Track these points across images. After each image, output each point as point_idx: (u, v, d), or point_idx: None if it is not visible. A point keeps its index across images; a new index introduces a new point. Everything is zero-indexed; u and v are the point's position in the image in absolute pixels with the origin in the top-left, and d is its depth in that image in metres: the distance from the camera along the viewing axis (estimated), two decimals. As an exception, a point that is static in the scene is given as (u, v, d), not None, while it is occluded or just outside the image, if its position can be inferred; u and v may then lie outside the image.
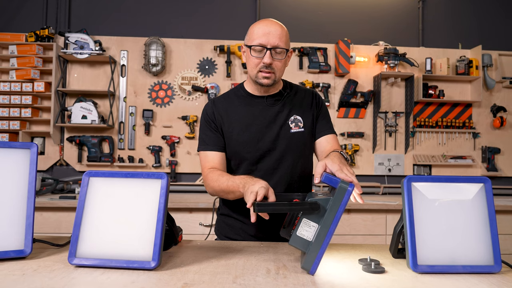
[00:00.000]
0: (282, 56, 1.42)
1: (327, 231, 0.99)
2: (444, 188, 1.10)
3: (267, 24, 1.42)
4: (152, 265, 1.01)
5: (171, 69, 3.57)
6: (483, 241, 1.07)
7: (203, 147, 1.52)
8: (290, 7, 3.77)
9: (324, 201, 1.03)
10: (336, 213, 0.99)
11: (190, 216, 2.83)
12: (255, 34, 1.41)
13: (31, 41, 3.36)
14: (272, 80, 1.44)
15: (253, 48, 1.41)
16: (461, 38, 3.85)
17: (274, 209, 1.05)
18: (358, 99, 3.65)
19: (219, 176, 1.40)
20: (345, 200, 0.99)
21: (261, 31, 1.40)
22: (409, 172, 3.69)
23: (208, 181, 1.45)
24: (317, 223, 1.02)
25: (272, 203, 1.05)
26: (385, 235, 2.95)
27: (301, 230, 1.03)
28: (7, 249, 1.09)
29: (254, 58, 1.42)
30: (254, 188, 1.13)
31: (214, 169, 1.46)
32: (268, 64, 1.40)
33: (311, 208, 1.02)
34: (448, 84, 3.74)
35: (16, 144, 1.17)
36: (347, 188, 0.99)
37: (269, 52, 1.39)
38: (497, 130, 3.78)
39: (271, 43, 1.39)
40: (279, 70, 1.44)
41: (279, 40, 1.39)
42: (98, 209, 1.09)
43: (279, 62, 1.42)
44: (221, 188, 1.38)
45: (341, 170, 1.11)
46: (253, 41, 1.41)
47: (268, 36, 1.38)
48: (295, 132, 1.50)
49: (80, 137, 3.42)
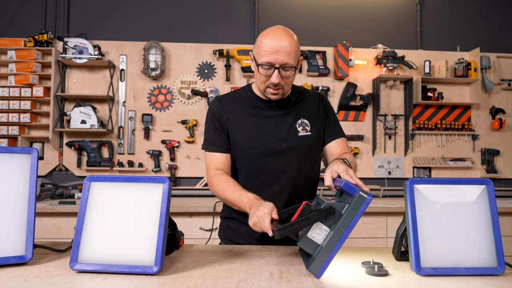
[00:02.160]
0: (291, 72, 1.37)
1: (340, 237, 0.99)
2: (447, 190, 1.10)
3: (276, 38, 1.34)
4: (155, 270, 1.00)
5: (170, 73, 3.58)
6: (486, 243, 1.07)
7: (207, 147, 1.51)
8: (289, 10, 3.78)
9: (340, 207, 1.03)
10: (352, 220, 0.99)
11: (190, 221, 2.83)
12: (263, 50, 1.34)
13: (29, 46, 3.36)
14: (280, 95, 1.42)
15: (261, 66, 1.36)
16: (459, 41, 3.87)
17: (295, 229, 1.02)
18: (358, 102, 3.66)
19: (224, 184, 1.39)
20: (363, 208, 1.00)
21: (270, 48, 1.33)
22: (409, 175, 3.69)
23: (213, 184, 1.45)
24: (329, 228, 1.02)
25: (291, 223, 1.02)
26: (386, 237, 2.95)
27: (312, 233, 1.03)
28: (8, 255, 1.08)
29: (262, 75, 1.38)
30: (260, 216, 1.11)
31: (220, 173, 1.44)
32: (276, 83, 1.36)
33: (328, 213, 1.02)
34: (446, 87, 3.75)
35: (17, 149, 1.16)
36: (366, 197, 1.00)
37: (277, 71, 1.34)
38: (496, 132, 3.79)
39: (279, 62, 1.33)
40: (288, 85, 1.42)
41: (288, 58, 1.33)
42: (99, 214, 1.08)
43: (287, 79, 1.38)
44: (225, 198, 1.39)
45: (346, 172, 1.13)
46: (261, 58, 1.35)
47: (277, 54, 1.32)
48: (302, 135, 1.48)
49: (79, 142, 3.41)
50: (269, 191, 1.47)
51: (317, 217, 1.01)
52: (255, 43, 1.42)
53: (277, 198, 1.46)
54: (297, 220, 1.02)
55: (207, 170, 1.51)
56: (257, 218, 1.12)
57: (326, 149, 1.57)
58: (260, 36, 1.39)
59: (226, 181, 1.40)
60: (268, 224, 1.08)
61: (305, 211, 1.05)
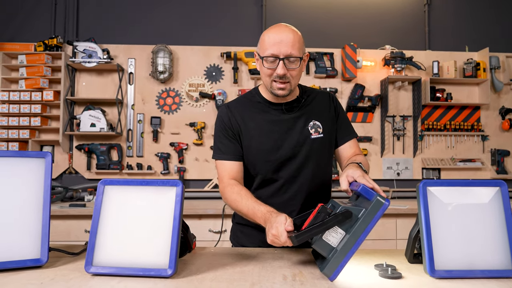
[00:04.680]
0: (296, 64, 1.35)
1: (356, 241, 0.99)
2: (460, 192, 1.10)
3: (278, 32, 1.35)
4: (169, 273, 1.01)
5: (178, 76, 3.59)
6: (501, 245, 1.06)
7: (219, 156, 1.47)
8: (296, 13, 3.78)
9: (356, 210, 1.03)
10: (368, 225, 1.00)
11: (199, 223, 2.83)
12: (267, 43, 1.34)
13: (39, 50, 3.40)
14: (288, 91, 1.39)
15: (265, 59, 1.35)
16: (468, 41, 3.84)
17: (312, 235, 1.02)
18: (366, 103, 3.65)
19: (237, 195, 1.36)
20: (380, 213, 1.00)
21: (272, 40, 1.33)
22: (418, 176, 3.67)
23: (226, 194, 1.41)
24: (345, 231, 1.02)
25: (309, 229, 1.02)
26: (396, 239, 2.93)
27: (327, 235, 1.03)
28: (24, 258, 1.09)
29: (267, 69, 1.36)
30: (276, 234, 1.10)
31: (233, 183, 1.41)
32: (282, 75, 1.34)
33: (344, 217, 1.02)
34: (455, 87, 3.72)
35: (31, 153, 1.18)
36: (384, 202, 1.00)
37: (282, 62, 1.33)
38: (506, 133, 3.76)
39: (283, 53, 1.32)
40: (295, 78, 1.39)
41: (292, 48, 1.32)
42: (113, 217, 1.09)
43: (293, 71, 1.36)
44: (239, 210, 1.36)
45: (363, 177, 1.13)
46: (265, 51, 1.35)
47: (280, 46, 1.32)
48: (315, 138, 1.45)
49: (89, 145, 3.44)
50: (284, 196, 1.46)
51: (334, 222, 1.02)
52: (259, 41, 1.41)
53: (292, 203, 1.45)
54: (314, 225, 1.02)
55: (219, 179, 1.47)
56: (273, 236, 1.11)
57: (338, 151, 1.55)
58: (263, 33, 1.40)
59: (239, 192, 1.37)
60: (285, 239, 1.06)
61: (321, 213, 1.05)
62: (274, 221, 1.13)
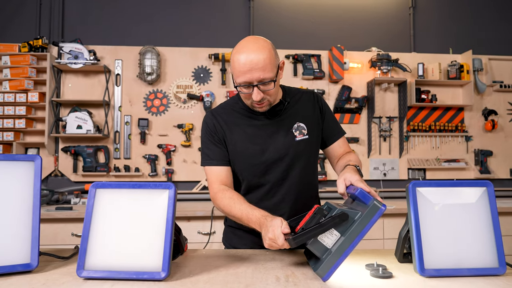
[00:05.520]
0: (271, 86, 1.32)
1: (351, 243, 1.00)
2: (448, 192, 1.12)
3: (248, 54, 1.28)
4: (162, 276, 1.01)
5: (166, 78, 3.58)
6: (487, 244, 1.09)
7: (207, 162, 1.47)
8: (284, 15, 3.80)
9: (352, 213, 1.04)
10: (364, 228, 1.01)
11: (188, 225, 2.82)
12: (237, 69, 1.29)
13: (24, 51, 3.34)
14: (267, 107, 1.40)
15: (239, 86, 1.33)
16: (452, 43, 3.92)
17: (309, 237, 1.03)
18: (353, 104, 3.69)
19: (229, 200, 1.35)
20: (376, 218, 1.01)
21: (243, 66, 1.28)
22: (404, 176, 3.72)
23: (218, 200, 1.40)
24: (340, 233, 1.04)
25: (306, 232, 1.03)
26: (383, 239, 2.97)
27: (322, 236, 1.04)
28: (14, 263, 1.08)
29: (244, 94, 1.35)
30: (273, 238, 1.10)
31: (224, 189, 1.41)
32: (258, 100, 1.33)
33: (341, 220, 1.03)
34: (440, 89, 3.80)
35: (20, 157, 1.16)
36: (380, 207, 1.01)
37: (257, 88, 1.31)
38: (489, 133, 3.84)
39: (255, 79, 1.29)
40: (272, 96, 1.37)
41: (264, 73, 1.28)
42: (105, 221, 1.09)
43: (269, 91, 1.34)
44: (232, 215, 1.35)
45: (360, 181, 1.16)
46: (237, 78, 1.31)
47: (251, 73, 1.27)
48: (300, 140, 1.46)
49: (75, 147, 3.40)
50: (272, 199, 1.46)
51: (331, 224, 1.03)
52: (230, 61, 1.35)
53: (282, 205, 1.46)
54: (312, 227, 1.03)
55: (209, 186, 1.46)
56: (270, 240, 1.11)
57: (328, 150, 1.57)
58: (233, 53, 1.33)
59: (231, 197, 1.36)
60: (282, 241, 1.07)
61: (317, 214, 1.07)
62: (270, 225, 1.13)
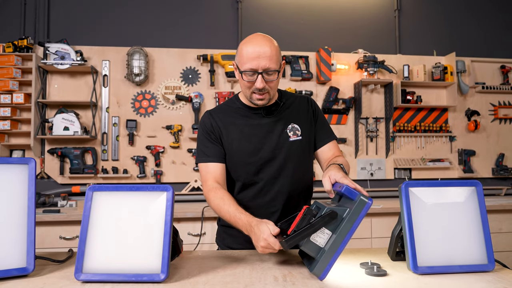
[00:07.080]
0: (274, 76, 1.39)
1: (342, 240, 1.03)
2: (439, 192, 1.16)
3: (256, 45, 1.36)
4: (162, 278, 1.02)
5: (154, 79, 3.56)
6: (477, 241, 1.13)
7: (203, 159, 1.50)
8: (272, 16, 3.82)
9: (341, 211, 1.06)
10: (353, 224, 1.03)
11: (178, 226, 2.82)
12: (245, 57, 1.36)
13: (9, 51, 3.28)
14: (267, 100, 1.44)
15: (244, 73, 1.38)
16: (436, 46, 4.01)
17: (301, 238, 1.05)
18: (340, 105, 3.74)
19: (220, 200, 1.38)
20: (364, 212, 1.04)
21: (251, 54, 1.35)
22: (390, 176, 3.79)
23: (210, 199, 1.43)
24: (331, 231, 1.06)
25: (298, 233, 1.05)
26: (371, 238, 3.02)
27: (314, 236, 1.06)
28: (10, 267, 1.07)
29: (247, 82, 1.40)
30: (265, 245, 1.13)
31: (216, 188, 1.44)
32: (261, 88, 1.38)
33: (331, 218, 1.05)
34: (425, 90, 3.87)
35: (14, 160, 1.16)
36: (367, 201, 1.04)
37: (261, 76, 1.36)
38: (472, 133, 3.94)
39: (261, 67, 1.35)
40: (273, 89, 1.43)
41: (270, 62, 1.35)
42: (103, 223, 1.09)
43: (272, 83, 1.40)
44: (222, 215, 1.39)
45: (345, 178, 1.17)
46: (243, 65, 1.37)
47: (258, 60, 1.34)
48: (293, 140, 1.51)
49: (62, 149, 3.35)
50: (265, 197, 1.50)
51: (321, 223, 1.05)
52: (237, 51, 1.43)
53: (274, 204, 1.50)
54: (303, 228, 1.05)
55: (203, 182, 1.50)
56: (262, 248, 1.14)
57: (318, 153, 1.61)
58: (241, 44, 1.41)
59: (222, 197, 1.39)
60: (278, 247, 1.10)
61: (307, 215, 1.09)
62: (258, 231, 1.16)
